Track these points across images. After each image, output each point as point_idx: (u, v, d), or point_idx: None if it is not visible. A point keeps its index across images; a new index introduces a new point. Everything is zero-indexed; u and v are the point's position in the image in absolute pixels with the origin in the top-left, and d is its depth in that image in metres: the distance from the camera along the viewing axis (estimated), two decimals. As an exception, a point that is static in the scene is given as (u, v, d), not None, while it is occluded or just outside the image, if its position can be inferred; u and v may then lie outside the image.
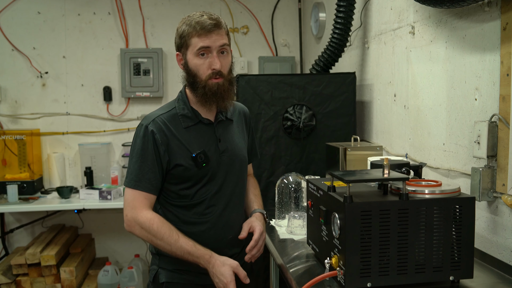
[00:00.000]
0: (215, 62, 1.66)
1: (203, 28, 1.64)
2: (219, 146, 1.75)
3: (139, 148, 1.68)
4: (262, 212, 1.88)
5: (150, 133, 1.68)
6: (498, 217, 1.63)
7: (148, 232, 1.65)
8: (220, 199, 1.76)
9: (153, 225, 1.65)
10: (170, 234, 1.65)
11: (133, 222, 1.66)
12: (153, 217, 1.66)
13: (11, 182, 3.65)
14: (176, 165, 1.69)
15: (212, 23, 1.64)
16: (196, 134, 1.73)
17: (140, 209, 1.66)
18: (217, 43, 1.66)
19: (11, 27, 3.96)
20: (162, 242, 1.65)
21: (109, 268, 3.68)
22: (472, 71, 1.75)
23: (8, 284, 3.47)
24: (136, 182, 1.68)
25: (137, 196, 1.68)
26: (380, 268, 1.30)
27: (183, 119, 1.73)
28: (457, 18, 1.83)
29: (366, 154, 2.26)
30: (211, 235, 1.75)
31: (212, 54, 1.66)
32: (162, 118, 1.71)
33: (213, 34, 1.65)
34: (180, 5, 4.15)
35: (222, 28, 1.68)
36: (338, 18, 2.77)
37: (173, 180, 1.73)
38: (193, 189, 1.73)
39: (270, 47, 4.33)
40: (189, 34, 1.66)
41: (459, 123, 1.83)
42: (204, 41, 1.65)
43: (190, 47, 1.67)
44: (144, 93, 4.07)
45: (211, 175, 1.73)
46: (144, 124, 1.70)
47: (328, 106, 2.67)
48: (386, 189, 1.39)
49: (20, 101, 4.03)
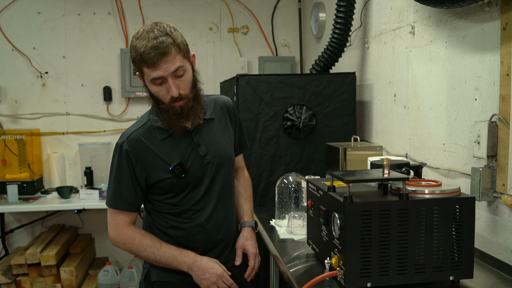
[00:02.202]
0: (171, 90, 1.60)
1: (149, 59, 1.54)
2: (199, 151, 1.72)
3: (115, 167, 1.71)
4: (251, 226, 1.92)
5: (125, 153, 1.68)
6: (498, 217, 1.63)
7: (131, 246, 1.71)
8: (208, 202, 1.76)
9: (134, 240, 1.70)
10: (152, 244, 1.70)
11: (117, 239, 1.72)
12: (133, 233, 1.71)
13: (11, 182, 3.65)
14: (157, 179, 1.69)
15: (157, 53, 1.53)
16: (173, 145, 1.71)
17: (121, 228, 1.71)
18: (168, 71, 1.57)
19: (11, 27, 3.96)
20: (145, 253, 1.69)
21: (109, 268, 3.68)
22: (472, 71, 1.75)
23: (8, 284, 3.47)
24: (113, 201, 1.71)
25: (116, 215, 1.72)
26: (380, 268, 1.30)
27: (158, 131, 1.71)
28: (457, 18, 1.83)
29: (366, 154, 2.26)
30: (201, 237, 1.76)
31: (168, 82, 1.59)
32: (137, 134, 1.69)
33: (161, 63, 1.55)
34: (180, 5, 4.15)
35: (171, 52, 1.55)
36: (338, 18, 2.77)
37: (157, 191, 1.74)
38: (178, 197, 1.73)
39: (270, 47, 4.33)
40: (140, 63, 1.58)
41: (459, 123, 1.83)
42: (155, 72, 1.57)
43: (144, 75, 1.63)
44: (144, 93, 3.99)
45: (195, 182, 1.73)
46: (119, 143, 1.70)
47: (328, 106, 2.67)
48: (386, 189, 1.39)
49: (20, 101, 4.03)
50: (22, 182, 3.69)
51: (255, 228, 1.95)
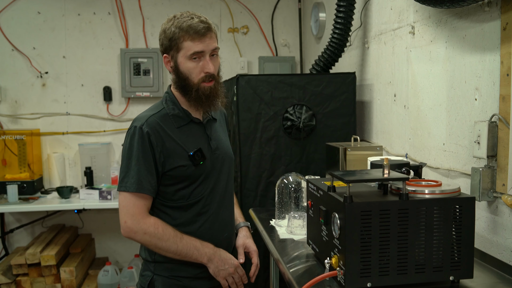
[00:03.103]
0: (209, 66, 1.65)
1: (196, 32, 1.62)
2: (211, 144, 1.76)
3: (136, 150, 1.64)
4: (247, 226, 1.95)
5: (146, 134, 1.64)
6: (498, 217, 1.63)
7: (153, 236, 1.63)
8: (214, 197, 1.77)
9: (158, 228, 1.64)
10: (175, 234, 1.66)
11: (135, 229, 1.63)
12: (156, 221, 1.66)
13: (11, 182, 3.65)
14: (173, 165, 1.68)
15: (205, 27, 1.63)
16: (189, 134, 1.73)
17: (142, 216, 1.64)
18: (210, 47, 1.65)
19: (11, 27, 3.96)
20: (168, 242, 1.64)
21: (109, 268, 3.68)
22: (472, 71, 1.75)
23: (8, 284, 3.48)
24: (137, 185, 1.63)
25: (136, 202, 1.64)
26: (380, 268, 1.30)
27: (174, 119, 1.71)
28: (457, 18, 1.83)
29: (366, 154, 2.26)
30: (208, 234, 1.75)
31: (205, 58, 1.65)
32: (155, 118, 1.68)
33: (206, 38, 1.64)
34: (180, 5, 4.15)
35: (213, 31, 1.67)
36: (338, 18, 2.77)
37: (169, 181, 1.70)
38: (189, 188, 1.72)
39: (270, 47, 4.33)
40: (181, 38, 1.63)
41: (459, 123, 1.83)
42: (198, 45, 1.63)
43: (182, 51, 1.65)
44: (144, 93, 4.07)
45: (206, 174, 1.73)
46: (137, 126, 1.66)
47: (328, 106, 2.67)
48: (386, 189, 1.39)
49: (20, 101, 4.03)
50: (22, 182, 3.69)
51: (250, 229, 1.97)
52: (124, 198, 1.65)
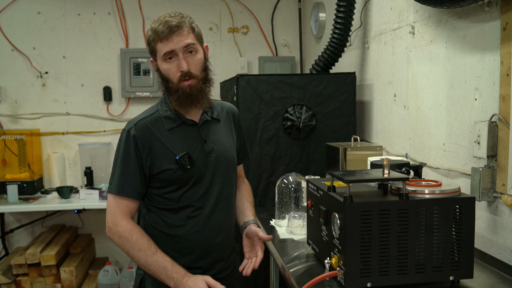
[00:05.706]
0: (181, 65, 1.62)
1: (162, 32, 1.60)
2: (205, 147, 1.72)
3: (122, 153, 1.66)
4: (256, 224, 1.87)
5: (132, 138, 1.65)
6: (498, 217, 1.63)
7: (127, 242, 1.62)
8: (207, 201, 1.73)
9: (132, 235, 1.62)
10: (148, 247, 1.62)
11: (113, 231, 1.64)
12: (133, 228, 1.64)
13: (11, 182, 3.65)
14: (160, 169, 1.67)
15: (170, 26, 1.60)
16: (180, 136, 1.70)
17: (121, 218, 1.64)
18: (180, 44, 1.61)
19: (11, 27, 3.96)
20: (138, 253, 1.61)
21: (109, 268, 3.68)
22: (472, 71, 1.75)
23: (8, 284, 3.48)
24: (119, 188, 1.65)
25: (119, 203, 1.66)
26: (380, 268, 1.30)
27: (166, 121, 1.70)
28: (457, 18, 1.83)
29: (366, 154, 2.26)
30: (199, 238, 1.71)
31: (178, 57, 1.63)
32: (145, 122, 1.68)
33: (174, 36, 1.61)
34: (180, 5, 4.15)
35: (184, 28, 1.62)
36: (338, 18, 2.77)
37: (157, 184, 1.70)
38: (178, 192, 1.70)
39: (270, 47, 4.33)
40: (154, 40, 1.63)
41: (459, 123, 1.83)
42: (167, 45, 1.61)
43: (157, 53, 1.65)
44: (144, 93, 4.07)
45: (198, 177, 1.70)
46: (126, 129, 1.68)
47: (328, 106, 2.67)
48: (386, 189, 1.39)
49: (20, 101, 4.03)
50: (22, 182, 3.69)
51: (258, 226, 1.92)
52: (109, 199, 1.69)
